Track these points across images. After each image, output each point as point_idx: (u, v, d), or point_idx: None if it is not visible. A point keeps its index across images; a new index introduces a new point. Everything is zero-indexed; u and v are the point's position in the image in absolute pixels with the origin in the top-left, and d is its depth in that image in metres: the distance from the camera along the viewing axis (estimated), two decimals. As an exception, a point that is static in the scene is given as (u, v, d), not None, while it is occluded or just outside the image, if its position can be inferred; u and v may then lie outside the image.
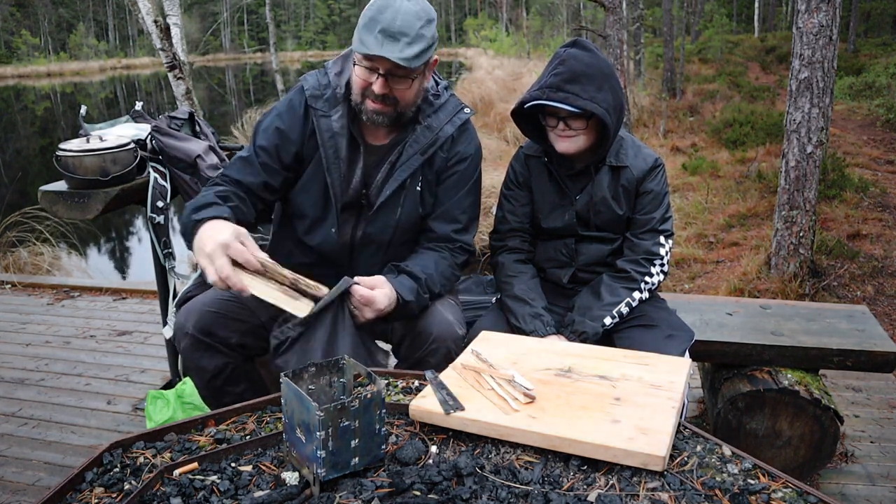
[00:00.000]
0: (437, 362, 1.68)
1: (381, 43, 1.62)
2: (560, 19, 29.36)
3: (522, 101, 1.90)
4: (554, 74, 1.83)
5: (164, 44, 4.97)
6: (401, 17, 1.63)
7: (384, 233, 1.86)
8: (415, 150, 1.82)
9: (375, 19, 1.64)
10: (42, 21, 55.65)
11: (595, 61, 1.84)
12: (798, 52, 4.35)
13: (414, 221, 1.89)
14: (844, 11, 17.77)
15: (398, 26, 1.62)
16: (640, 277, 1.95)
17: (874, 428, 2.64)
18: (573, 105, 1.80)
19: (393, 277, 1.75)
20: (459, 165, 1.89)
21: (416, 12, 1.65)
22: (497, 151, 10.03)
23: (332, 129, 1.80)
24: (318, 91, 1.82)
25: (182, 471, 1.14)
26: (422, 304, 1.78)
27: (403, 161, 1.82)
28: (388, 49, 1.62)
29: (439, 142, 1.84)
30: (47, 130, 20.47)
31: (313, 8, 67.49)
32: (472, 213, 1.95)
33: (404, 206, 1.85)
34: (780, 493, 1.06)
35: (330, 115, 1.80)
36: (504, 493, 1.07)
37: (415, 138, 1.83)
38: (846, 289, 4.74)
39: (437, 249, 1.89)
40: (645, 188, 1.96)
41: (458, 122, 1.87)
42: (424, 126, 1.83)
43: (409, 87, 1.72)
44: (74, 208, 2.40)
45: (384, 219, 1.85)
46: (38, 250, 5.48)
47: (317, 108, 1.81)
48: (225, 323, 1.78)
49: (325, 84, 1.83)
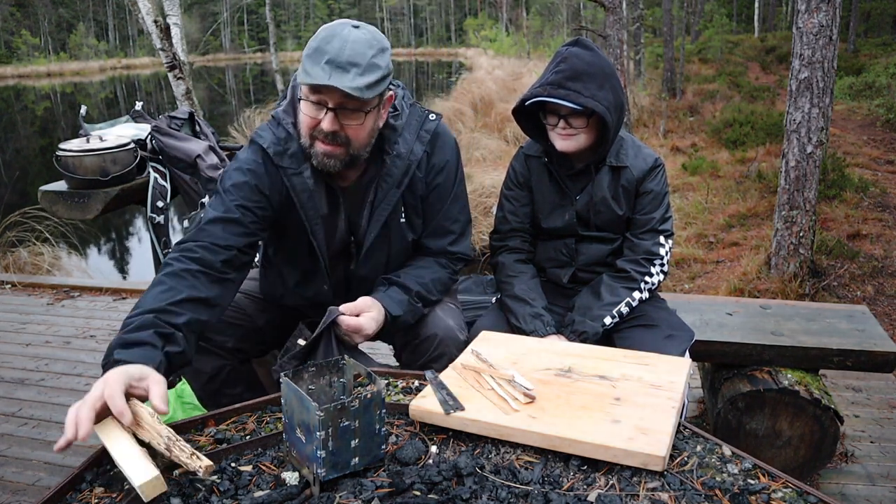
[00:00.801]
0: (440, 368, 1.69)
1: (328, 74, 1.47)
2: (560, 19, 29.35)
3: (524, 98, 1.90)
4: (556, 72, 1.83)
5: (164, 44, 4.97)
6: (350, 47, 1.48)
7: (376, 272, 1.82)
8: (390, 185, 1.71)
9: (321, 49, 1.49)
10: (42, 21, 55.65)
11: (597, 60, 1.84)
12: (798, 52, 4.35)
13: (405, 249, 1.84)
14: (844, 11, 17.76)
15: (347, 56, 1.48)
16: (640, 277, 1.95)
17: (874, 428, 2.64)
18: (574, 102, 1.80)
19: (383, 291, 1.72)
20: (439, 177, 1.79)
21: (366, 41, 1.52)
22: (497, 151, 10.04)
23: (308, 187, 1.66)
24: (280, 147, 1.65)
25: (182, 471, 1.14)
26: (416, 314, 1.75)
27: (381, 199, 1.72)
28: (337, 79, 1.47)
29: (413, 166, 1.72)
30: (47, 130, 20.47)
31: (313, 8, 67.49)
32: (464, 218, 1.88)
33: (392, 242, 1.80)
34: (780, 493, 1.06)
35: (301, 172, 1.65)
36: (504, 493, 1.07)
37: (387, 171, 1.70)
38: (846, 289, 4.74)
39: (435, 259, 1.86)
40: (645, 188, 1.96)
41: (425, 136, 1.74)
42: (394, 156, 1.70)
43: (361, 123, 1.57)
44: (74, 208, 2.40)
45: (374, 260, 1.81)
46: (38, 250, 5.48)
47: (285, 167, 1.64)
48: (221, 328, 1.76)
49: (282, 138, 1.65)
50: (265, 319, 1.86)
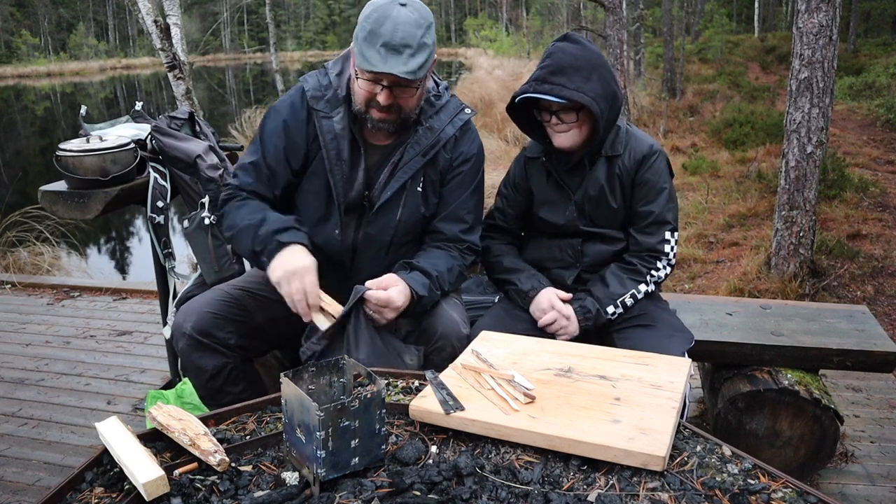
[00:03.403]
0: (442, 360, 1.69)
1: (384, 58, 1.61)
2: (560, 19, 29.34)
3: (513, 95, 1.91)
4: (541, 68, 1.85)
5: (164, 44, 4.97)
6: (401, 28, 1.61)
7: (385, 233, 1.86)
8: (416, 152, 1.83)
9: (376, 33, 1.62)
10: (42, 21, 55.64)
11: (582, 53, 1.84)
12: (798, 52, 4.35)
13: (415, 222, 1.89)
14: (844, 11, 17.77)
15: (399, 38, 1.61)
16: (646, 271, 1.95)
17: (874, 428, 2.64)
18: (558, 96, 1.80)
19: (405, 274, 1.76)
20: (464, 166, 1.90)
21: (415, 20, 1.64)
22: (497, 151, 10.03)
23: (334, 131, 1.80)
24: (319, 92, 1.82)
25: (182, 471, 1.14)
26: (433, 299, 1.80)
27: (405, 162, 1.83)
28: (392, 64, 1.61)
29: (441, 142, 1.85)
30: (47, 130, 20.48)
31: (313, 8, 67.48)
32: (477, 212, 1.96)
33: (405, 206, 1.85)
34: (780, 493, 1.06)
35: (331, 116, 1.80)
36: (504, 493, 1.07)
37: (416, 139, 1.83)
38: (846, 289, 4.74)
39: (447, 248, 1.90)
40: (641, 178, 1.93)
41: (458, 122, 1.87)
42: (426, 127, 1.84)
43: (413, 95, 1.73)
44: (74, 208, 2.39)
45: (385, 219, 1.85)
46: (38, 250, 5.48)
47: (318, 110, 1.80)
48: (223, 324, 1.78)
49: (325, 85, 1.82)
50: (265, 316, 1.86)
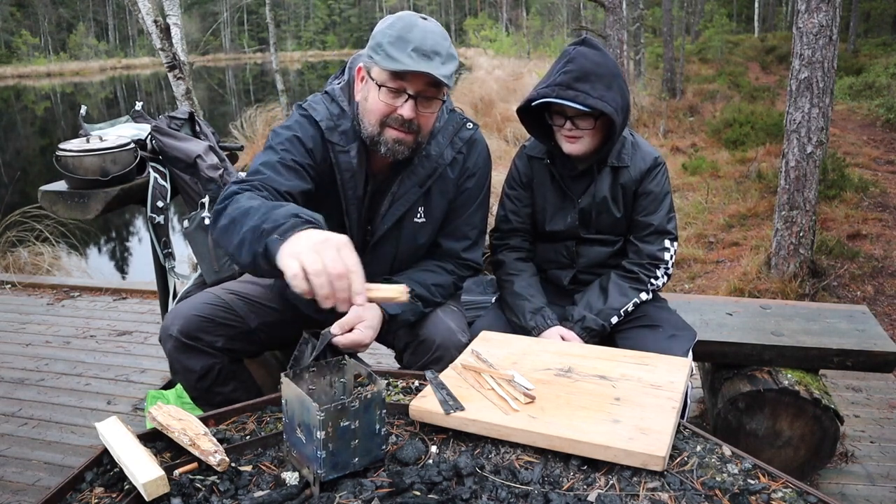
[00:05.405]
0: (440, 369, 1.68)
1: (416, 61, 1.52)
2: (560, 19, 29.37)
3: (530, 98, 1.87)
4: (564, 72, 1.80)
5: (164, 44, 4.97)
6: (430, 37, 1.56)
7: (381, 264, 1.82)
8: (413, 183, 1.74)
9: (405, 38, 1.54)
10: (42, 21, 55.65)
11: (604, 60, 1.81)
12: (798, 52, 4.35)
13: (413, 252, 1.84)
14: (844, 11, 17.78)
15: (430, 45, 1.54)
16: (646, 279, 1.95)
17: (874, 428, 2.64)
18: (583, 104, 1.77)
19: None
20: (469, 181, 1.84)
21: (440, 32, 1.60)
22: (497, 151, 10.02)
23: (352, 167, 1.70)
24: (332, 123, 1.69)
25: (182, 471, 1.14)
26: (415, 312, 1.76)
27: (401, 194, 1.75)
28: (426, 65, 1.53)
29: (438, 170, 1.76)
30: (47, 130, 20.48)
31: (313, 8, 67.49)
32: (482, 226, 1.91)
33: (402, 240, 1.80)
34: (780, 493, 1.06)
35: (348, 150, 1.69)
36: (504, 493, 1.07)
37: (412, 169, 1.74)
38: (846, 289, 4.74)
39: (443, 263, 1.86)
40: (644, 189, 1.94)
41: (459, 143, 1.79)
42: (423, 156, 1.74)
43: (433, 112, 1.64)
44: (74, 208, 2.39)
45: (382, 253, 1.81)
46: (38, 250, 5.48)
47: (335, 143, 1.68)
48: (211, 328, 1.76)
49: (336, 114, 1.70)
50: (258, 321, 1.85)
